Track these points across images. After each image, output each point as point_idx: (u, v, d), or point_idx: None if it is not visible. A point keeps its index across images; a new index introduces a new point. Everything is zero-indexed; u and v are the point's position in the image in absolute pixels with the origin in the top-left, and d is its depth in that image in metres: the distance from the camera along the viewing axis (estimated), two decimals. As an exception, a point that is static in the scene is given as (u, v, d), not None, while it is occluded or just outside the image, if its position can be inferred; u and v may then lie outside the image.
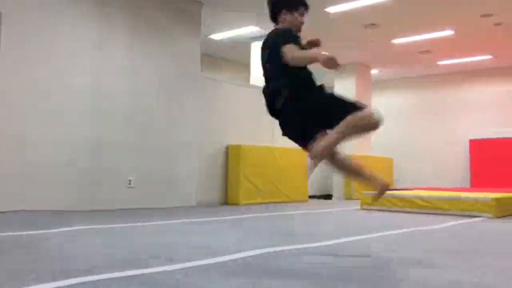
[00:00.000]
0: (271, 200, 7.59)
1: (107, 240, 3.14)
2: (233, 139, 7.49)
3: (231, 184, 7.28)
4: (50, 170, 5.28)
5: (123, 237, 3.35)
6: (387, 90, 12.25)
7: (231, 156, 7.35)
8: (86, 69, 5.68)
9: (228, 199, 7.27)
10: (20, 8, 5.17)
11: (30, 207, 5.01)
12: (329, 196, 10.88)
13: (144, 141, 6.19)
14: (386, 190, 2.68)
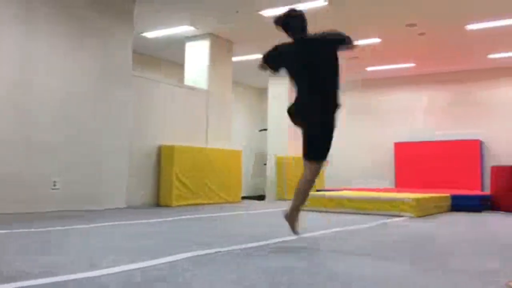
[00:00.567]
0: (204, 202, 7.54)
1: (23, 245, 2.97)
2: (166, 140, 7.37)
3: (163, 185, 7.15)
4: (-35, 170, 4.91)
5: (41, 241, 3.18)
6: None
7: (163, 157, 7.22)
8: (12, 66, 5.35)
9: (160, 200, 7.14)
10: None
11: None
12: (262, 197, 11.01)
13: (72, 141, 5.93)
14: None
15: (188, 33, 8.32)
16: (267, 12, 7.18)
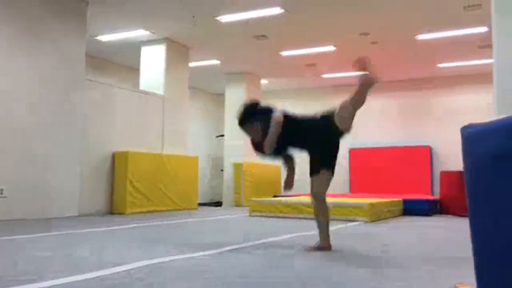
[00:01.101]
0: (160, 208, 7.42)
1: (-30, 257, 2.82)
2: (120, 146, 7.20)
3: (117, 192, 6.98)
4: None
5: (-11, 253, 3.03)
6: (276, 100, 12.67)
7: (117, 163, 7.05)
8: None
9: (114, 208, 6.96)
10: None
11: None
12: (218, 203, 10.95)
13: (19, 147, 5.68)
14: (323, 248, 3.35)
15: (143, 37, 8.19)
16: (224, 18, 7.18)
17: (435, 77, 10.94)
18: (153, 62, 8.36)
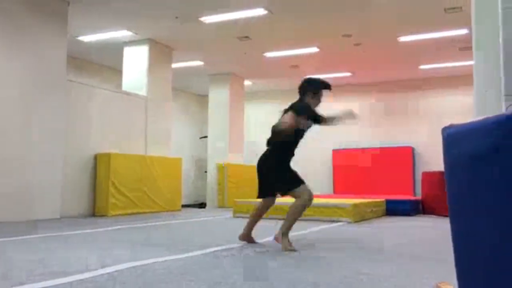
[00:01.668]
0: (143, 210, 7.35)
1: None
2: (103, 148, 7.12)
3: (99, 194, 6.90)
4: None
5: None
6: (260, 101, 12.69)
7: (99, 165, 6.97)
8: None
9: (96, 210, 6.88)
10: None
11: None
12: (202, 205, 10.92)
13: (-1, 148, 5.59)
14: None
15: (126, 38, 8.12)
16: (208, 19, 7.16)
17: (417, 79, 11.07)
18: (136, 63, 8.29)
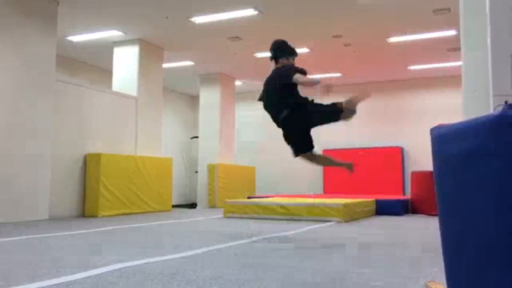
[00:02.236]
0: (133, 211, 7.32)
1: None
2: (93, 148, 7.08)
3: (89, 195, 6.85)
4: None
5: (-46, 259, 2.92)
6: (251, 101, 12.69)
7: (89, 166, 6.93)
8: None
9: (86, 211, 6.83)
10: None
11: None
12: (193, 205, 10.90)
13: (-13, 149, 5.52)
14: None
15: (116, 38, 8.08)
16: (198, 19, 7.15)
17: (406, 79, 11.15)
18: (126, 63, 8.25)
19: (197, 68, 10.16)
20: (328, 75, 10.75)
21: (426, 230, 5.17)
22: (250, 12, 6.80)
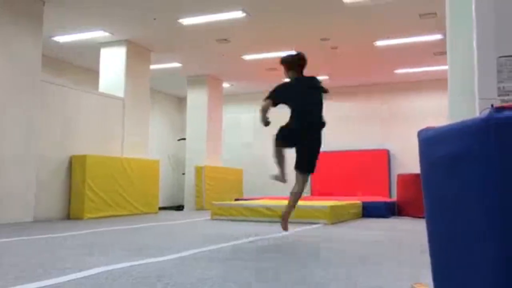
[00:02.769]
0: (119, 213, 7.26)
1: None
2: (78, 149, 7.01)
3: (74, 197, 6.78)
4: None
5: None
6: (239, 104, 12.69)
7: (75, 167, 6.86)
8: None
9: (71, 213, 6.76)
10: None
11: None
12: (180, 207, 10.84)
13: (-30, 150, 5.44)
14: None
15: (103, 38, 8.02)
16: (186, 21, 7.13)
17: (393, 83, 11.24)
18: (113, 64, 8.19)
19: (185, 69, 10.13)
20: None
21: (412, 232, 5.21)
22: (238, 14, 6.80)
